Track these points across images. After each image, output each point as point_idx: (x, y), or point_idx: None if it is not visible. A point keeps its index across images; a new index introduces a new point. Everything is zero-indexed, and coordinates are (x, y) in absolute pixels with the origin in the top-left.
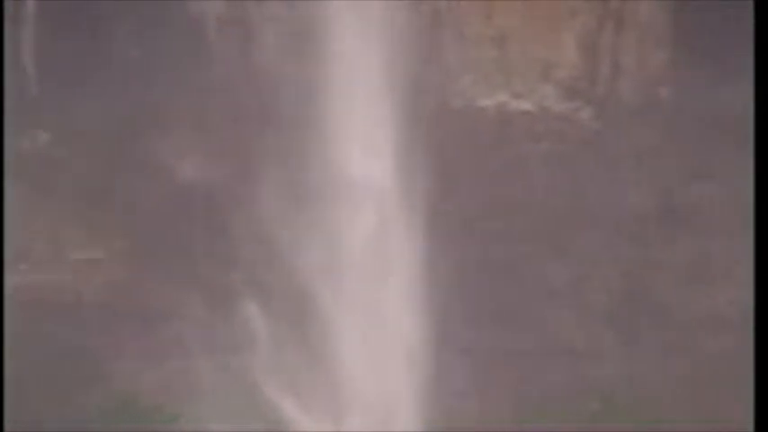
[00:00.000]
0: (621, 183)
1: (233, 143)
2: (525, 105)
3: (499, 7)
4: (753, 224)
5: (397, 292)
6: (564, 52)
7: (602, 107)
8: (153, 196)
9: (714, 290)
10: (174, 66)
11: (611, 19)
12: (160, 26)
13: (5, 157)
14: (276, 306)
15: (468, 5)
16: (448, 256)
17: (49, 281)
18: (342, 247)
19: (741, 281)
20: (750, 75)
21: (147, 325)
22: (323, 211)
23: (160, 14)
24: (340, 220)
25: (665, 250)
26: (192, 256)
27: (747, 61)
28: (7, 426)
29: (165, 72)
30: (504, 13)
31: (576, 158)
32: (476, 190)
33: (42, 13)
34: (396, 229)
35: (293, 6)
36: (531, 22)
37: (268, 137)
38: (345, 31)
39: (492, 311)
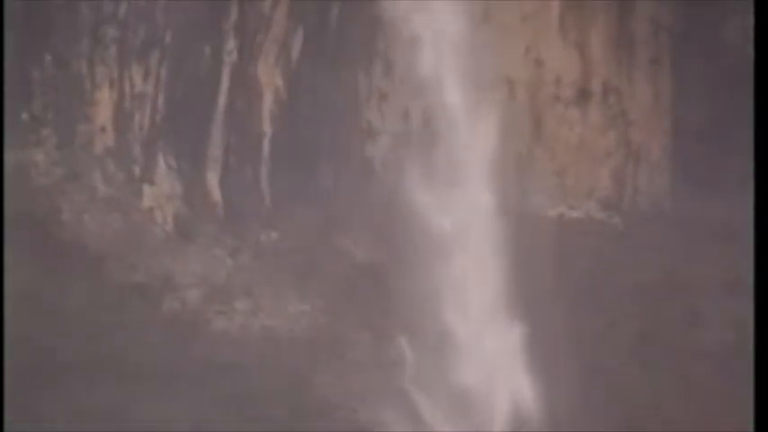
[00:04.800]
0: (635, 263)
1: (391, 236)
2: (576, 214)
3: (559, 147)
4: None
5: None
6: (601, 180)
7: (626, 216)
8: (340, 270)
9: (701, 330)
10: (354, 188)
11: (633, 157)
12: (344, 164)
13: None
14: (420, 344)
15: (540, 149)
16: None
17: (274, 324)
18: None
19: (724, 327)
20: (725, 192)
21: (337, 351)
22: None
23: (345, 155)
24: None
25: (666, 307)
26: (367, 308)
27: (725, 184)
28: None
29: (348, 192)
30: (564, 153)
31: (609, 248)
32: (542, 265)
33: (274, 154)
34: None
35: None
36: (581, 159)
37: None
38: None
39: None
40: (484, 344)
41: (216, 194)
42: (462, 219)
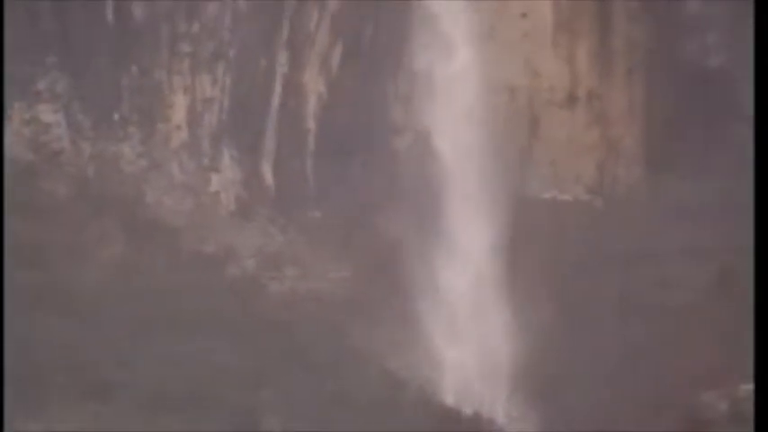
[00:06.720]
0: (614, 237)
1: (415, 216)
2: (566, 197)
3: (552, 142)
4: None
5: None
6: (587, 169)
7: (607, 198)
8: (373, 244)
9: (669, 291)
10: (384, 175)
11: (612, 150)
12: (376, 155)
13: None
14: (438, 302)
15: (537, 144)
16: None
17: (317, 287)
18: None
19: (689, 288)
20: (687, 178)
21: (371, 310)
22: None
23: (376, 147)
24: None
25: (638, 273)
26: (395, 275)
27: (686, 171)
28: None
29: (379, 179)
30: (556, 147)
31: (592, 225)
32: (538, 239)
33: (318, 147)
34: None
35: None
36: (570, 153)
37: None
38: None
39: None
40: (490, 300)
41: (269, 180)
42: (473, 201)
